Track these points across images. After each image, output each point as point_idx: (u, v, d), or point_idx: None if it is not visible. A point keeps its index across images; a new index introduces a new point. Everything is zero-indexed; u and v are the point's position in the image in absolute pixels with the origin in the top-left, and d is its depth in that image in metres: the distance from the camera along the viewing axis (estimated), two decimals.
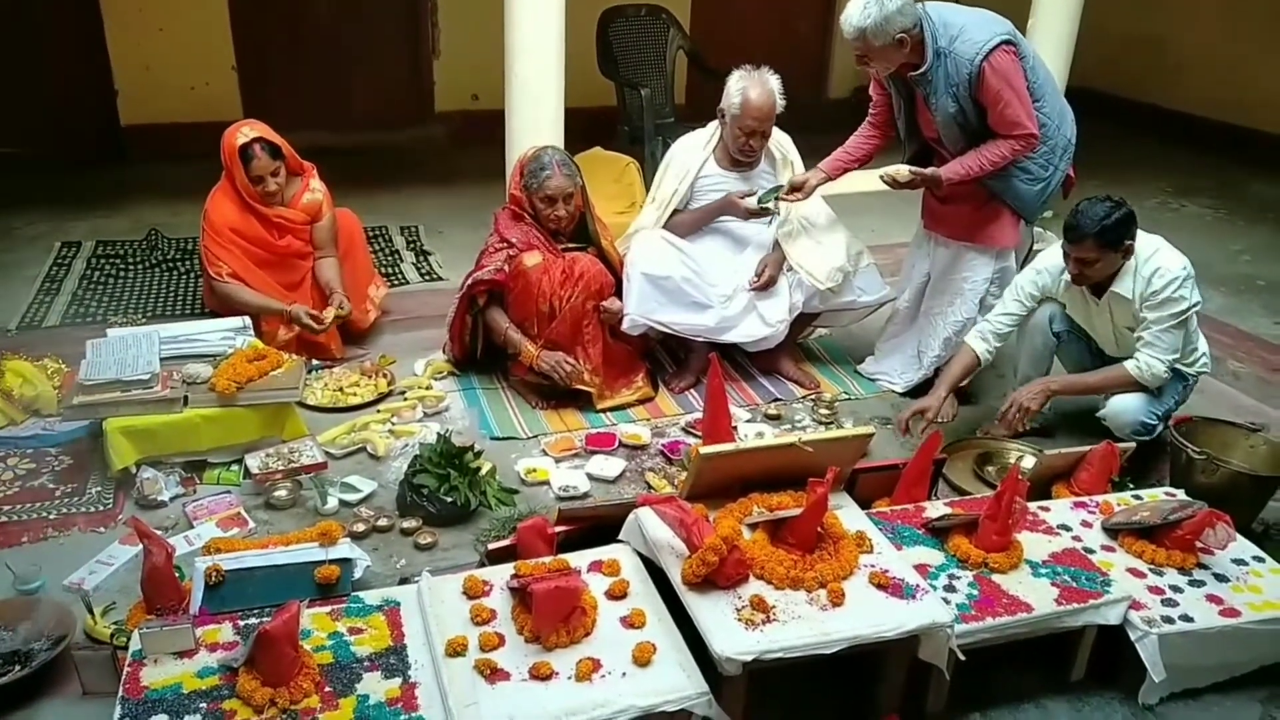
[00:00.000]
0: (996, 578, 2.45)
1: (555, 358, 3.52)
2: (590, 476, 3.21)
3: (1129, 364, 3.20)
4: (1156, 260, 3.10)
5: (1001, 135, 3.28)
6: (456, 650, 2.11)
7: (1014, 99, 3.21)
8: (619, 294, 3.63)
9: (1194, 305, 3.12)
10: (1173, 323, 3.11)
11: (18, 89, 5.84)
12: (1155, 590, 2.49)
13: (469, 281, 3.56)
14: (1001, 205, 3.49)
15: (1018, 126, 3.24)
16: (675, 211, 3.77)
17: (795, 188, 3.62)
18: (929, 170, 3.38)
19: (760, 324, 3.73)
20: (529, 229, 3.56)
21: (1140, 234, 3.14)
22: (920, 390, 3.79)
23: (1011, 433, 3.51)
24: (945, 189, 3.41)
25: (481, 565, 2.53)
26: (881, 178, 3.46)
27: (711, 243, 3.77)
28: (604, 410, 3.64)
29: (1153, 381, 3.17)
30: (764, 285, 3.71)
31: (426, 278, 4.76)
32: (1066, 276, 3.24)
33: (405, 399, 3.63)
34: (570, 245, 3.64)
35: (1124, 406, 3.25)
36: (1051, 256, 3.31)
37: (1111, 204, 3.06)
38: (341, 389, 3.63)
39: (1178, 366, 3.25)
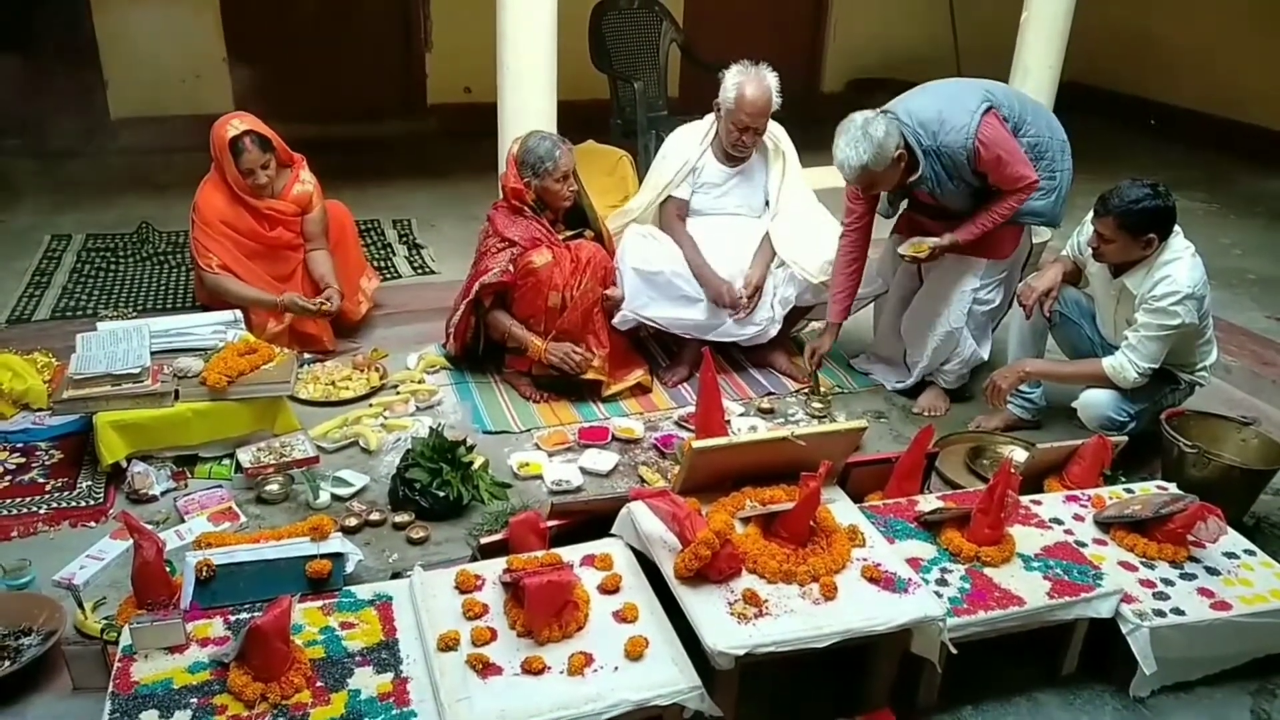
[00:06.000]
0: (988, 571, 2.45)
1: (563, 349, 3.51)
2: (583, 470, 3.20)
3: (1105, 360, 3.20)
4: (1170, 268, 3.06)
5: (1006, 191, 3.32)
6: (448, 645, 2.11)
7: (1010, 158, 3.26)
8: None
9: (1185, 325, 3.06)
10: (1159, 333, 3.07)
11: (6, 81, 5.80)
12: (1147, 583, 2.49)
13: (475, 286, 3.52)
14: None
15: (1020, 180, 3.30)
16: (670, 198, 3.76)
17: (814, 353, 3.70)
18: (946, 239, 3.41)
19: (749, 322, 3.74)
20: (529, 223, 3.54)
21: (1177, 238, 3.10)
22: (914, 389, 3.80)
23: (1004, 426, 3.53)
24: (963, 244, 3.44)
25: (474, 559, 2.52)
26: (903, 257, 3.50)
27: (703, 238, 3.76)
28: (607, 399, 3.64)
29: (1123, 383, 3.15)
30: (752, 293, 3.70)
31: (419, 271, 4.74)
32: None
33: (397, 393, 3.62)
34: (567, 234, 3.63)
35: (1094, 400, 3.26)
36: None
37: (1150, 192, 3.01)
38: (333, 383, 3.62)
39: (1170, 368, 3.25)
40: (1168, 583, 2.51)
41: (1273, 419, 3.68)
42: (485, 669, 2.05)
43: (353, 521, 2.87)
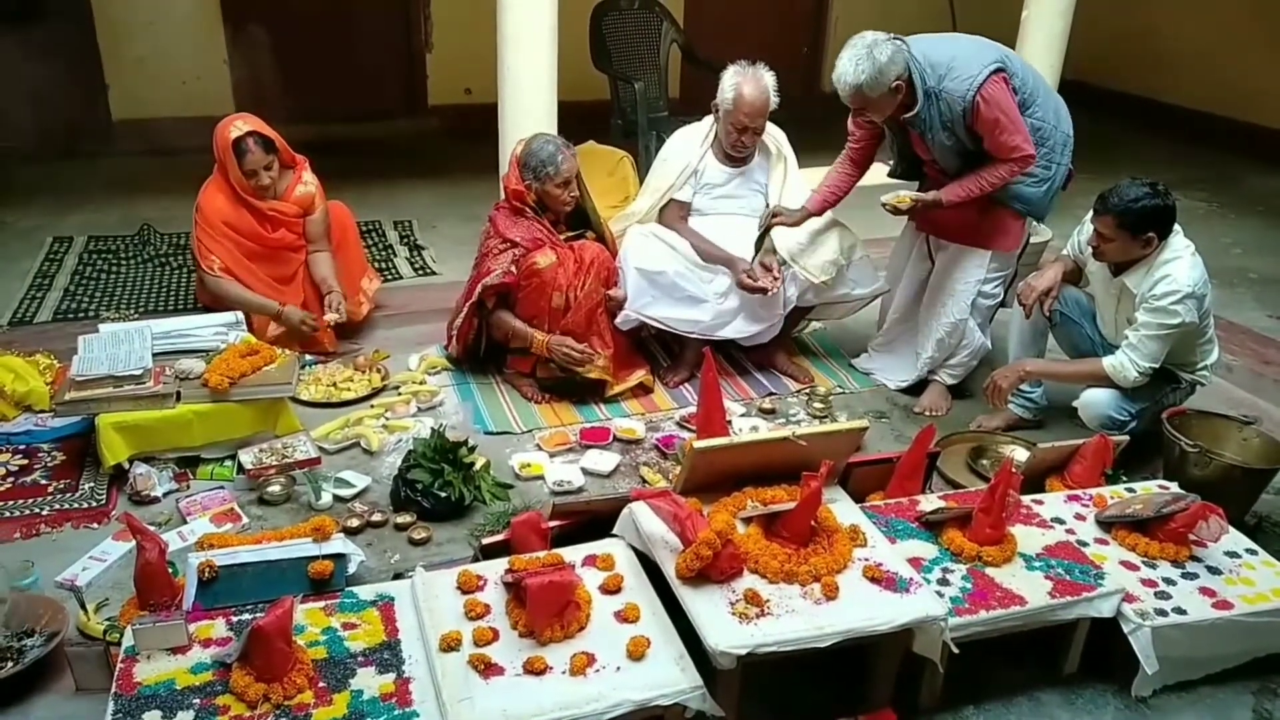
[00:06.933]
0: (990, 571, 2.45)
1: (564, 344, 3.51)
2: (585, 471, 3.20)
3: (1106, 359, 3.19)
4: (1170, 267, 3.06)
5: (999, 159, 3.28)
6: (450, 645, 2.11)
7: (1009, 125, 3.21)
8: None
9: (1185, 324, 3.05)
10: (1160, 332, 3.07)
11: (8, 83, 5.81)
12: (1148, 583, 2.49)
13: (478, 289, 3.51)
14: (1005, 209, 3.47)
15: (1015, 150, 3.24)
16: (671, 201, 3.76)
17: (776, 214, 3.62)
18: (930, 195, 3.38)
19: (755, 320, 3.73)
20: (531, 224, 3.54)
21: (1177, 237, 3.10)
22: (916, 389, 3.80)
23: (1005, 425, 3.53)
24: (946, 208, 3.41)
25: (475, 560, 2.53)
26: (884, 205, 3.47)
27: (707, 236, 3.75)
28: (609, 399, 3.64)
29: (1123, 382, 3.15)
30: (774, 269, 3.64)
31: (420, 272, 4.75)
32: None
33: (399, 394, 3.63)
34: (569, 235, 3.63)
35: (1094, 399, 3.26)
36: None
37: (1150, 191, 3.01)
38: (335, 384, 3.62)
39: (1171, 368, 3.24)
40: (1169, 582, 2.51)
41: (1274, 418, 3.68)
42: (487, 669, 2.06)
43: (355, 522, 2.87)
